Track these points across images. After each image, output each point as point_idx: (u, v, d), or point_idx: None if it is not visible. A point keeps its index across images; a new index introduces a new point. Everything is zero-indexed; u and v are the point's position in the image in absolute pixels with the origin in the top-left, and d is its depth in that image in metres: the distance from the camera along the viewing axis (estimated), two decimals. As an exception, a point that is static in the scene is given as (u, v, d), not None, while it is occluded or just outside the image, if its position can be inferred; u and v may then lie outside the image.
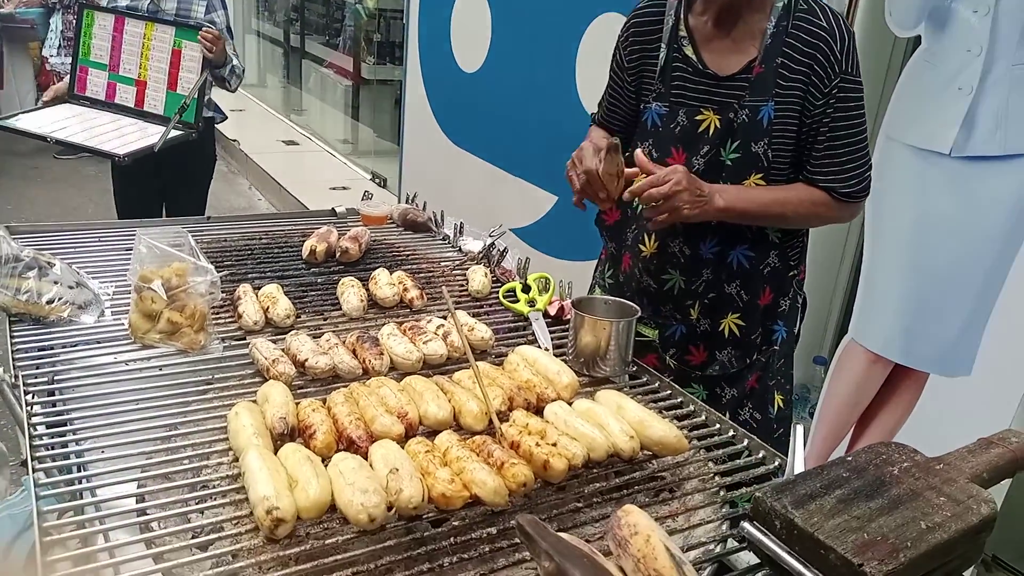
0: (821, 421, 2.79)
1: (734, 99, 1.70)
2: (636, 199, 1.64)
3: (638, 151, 1.67)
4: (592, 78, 3.22)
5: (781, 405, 1.90)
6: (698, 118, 1.72)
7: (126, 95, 3.47)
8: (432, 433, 1.33)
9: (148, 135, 3.21)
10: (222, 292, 1.71)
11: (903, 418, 2.60)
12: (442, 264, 2.11)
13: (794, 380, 3.19)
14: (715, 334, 1.83)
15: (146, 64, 3.41)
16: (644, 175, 1.61)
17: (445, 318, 1.72)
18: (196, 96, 3.30)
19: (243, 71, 3.54)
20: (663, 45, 1.77)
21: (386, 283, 1.85)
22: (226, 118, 3.79)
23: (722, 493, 1.30)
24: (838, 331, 3.06)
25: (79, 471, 1.22)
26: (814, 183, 1.71)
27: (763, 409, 1.87)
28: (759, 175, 1.70)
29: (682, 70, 1.75)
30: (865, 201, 1.79)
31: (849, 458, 1.17)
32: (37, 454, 1.23)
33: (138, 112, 3.42)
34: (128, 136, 3.23)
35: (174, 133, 3.24)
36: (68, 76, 3.59)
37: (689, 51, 1.74)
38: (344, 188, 6.17)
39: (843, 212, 1.77)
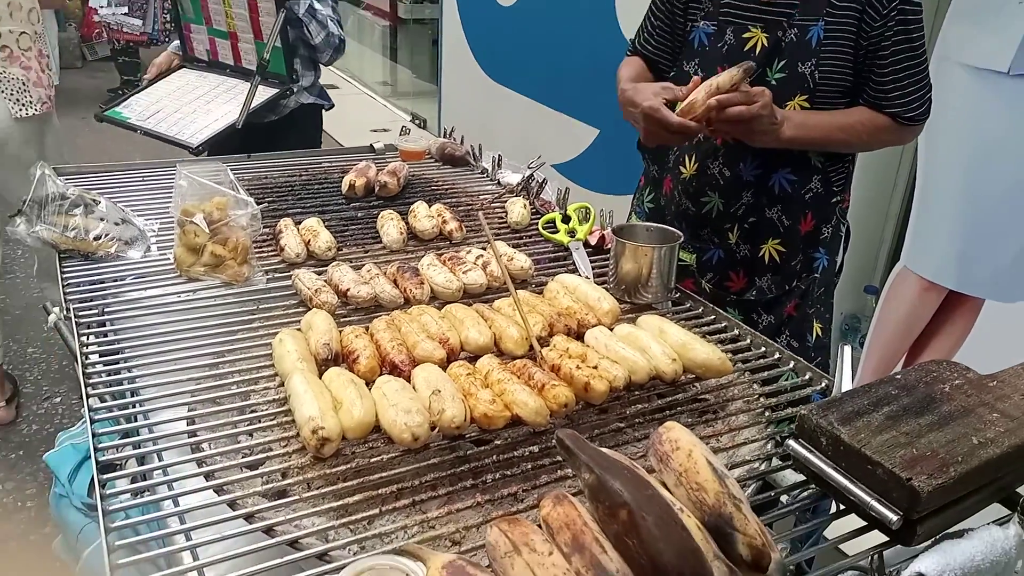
0: (872, 351, 2.75)
1: (784, 17, 1.64)
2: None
3: (695, 78, 1.60)
4: (633, 6, 3.13)
5: (819, 334, 1.87)
6: (745, 36, 1.67)
7: (225, 51, 2.91)
8: (473, 358, 1.33)
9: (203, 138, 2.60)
10: (264, 227, 1.73)
11: (956, 347, 2.54)
12: (480, 197, 2.09)
13: (844, 310, 3.15)
14: (755, 259, 1.80)
15: (230, 12, 2.80)
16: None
17: (484, 249, 1.71)
18: (277, 41, 2.64)
19: (341, 42, 2.91)
20: None
21: (425, 215, 1.84)
22: (333, 105, 3.20)
23: (767, 414, 1.29)
24: (890, 259, 2.99)
25: (133, 399, 1.25)
26: (878, 107, 1.65)
27: (801, 337, 1.84)
28: (804, 96, 1.65)
29: None
30: (925, 122, 1.72)
31: (898, 376, 1.15)
32: (94, 389, 1.26)
33: (240, 70, 2.87)
34: (232, 102, 2.70)
35: (267, 94, 2.65)
36: (170, 45, 3.16)
37: None
38: (384, 130, 6.15)
39: (905, 135, 1.72)
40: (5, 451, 3.15)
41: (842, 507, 1.09)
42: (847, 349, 1.32)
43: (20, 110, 2.94)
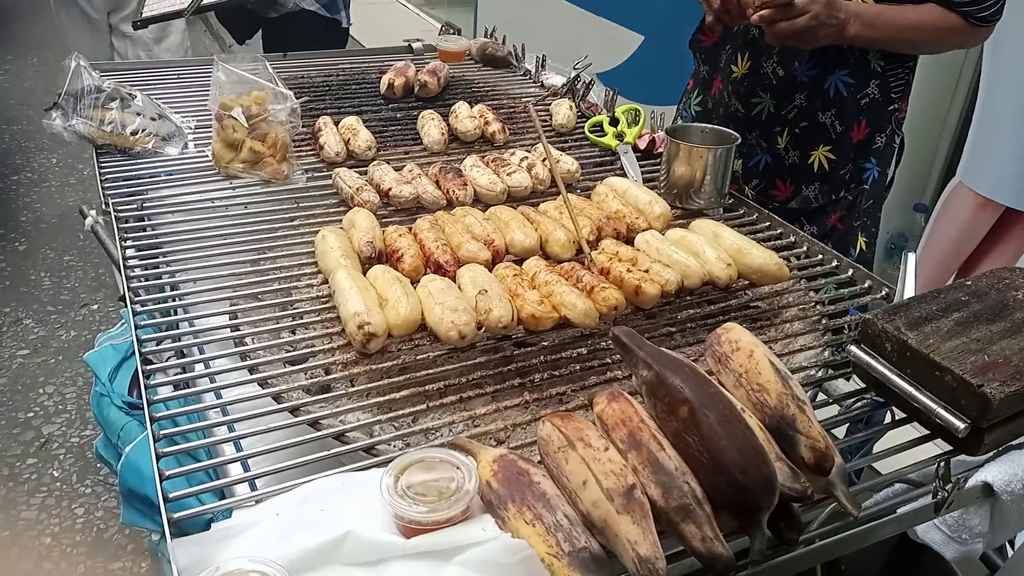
0: (920, 270, 2.66)
1: None
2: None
3: None
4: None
5: (863, 248, 1.80)
6: None
7: None
8: (518, 261, 1.29)
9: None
10: (302, 126, 1.68)
11: (1011, 264, 2.46)
12: (523, 100, 2.02)
13: (891, 228, 3.06)
14: (803, 166, 1.72)
15: None
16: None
17: (529, 151, 1.65)
18: None
19: None
20: None
21: (467, 116, 1.78)
22: (349, 23, 3.18)
23: (824, 321, 1.24)
24: (943, 176, 2.88)
25: (173, 293, 1.23)
26: (949, 5, 1.54)
27: (843, 250, 1.77)
28: None
29: None
30: (996, 24, 1.61)
31: (968, 282, 1.09)
32: (133, 285, 1.24)
33: None
34: None
35: None
36: None
37: None
38: (418, 40, 5.99)
39: (975, 37, 1.62)
40: (44, 356, 3.21)
41: (897, 419, 1.05)
42: (911, 256, 1.26)
43: None
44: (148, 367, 1.05)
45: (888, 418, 1.09)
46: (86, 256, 3.86)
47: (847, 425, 1.15)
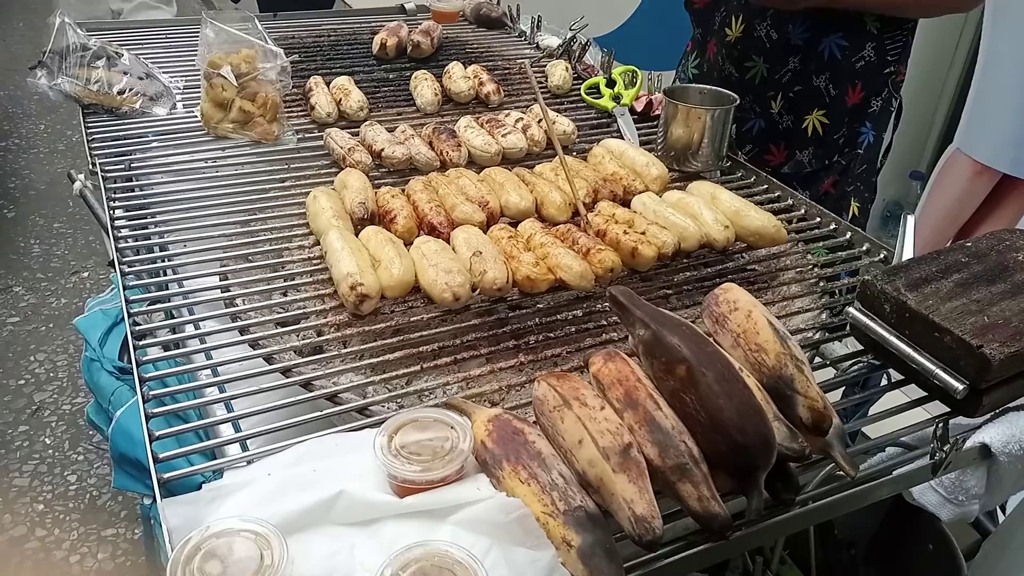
0: (916, 237, 2.66)
1: None
2: None
3: None
4: None
5: (856, 213, 1.78)
6: None
7: None
8: (513, 223, 1.28)
9: None
10: (293, 86, 1.65)
11: (1006, 233, 2.45)
12: (518, 61, 1.98)
13: (887, 196, 3.04)
14: (797, 131, 1.70)
15: None
16: None
17: (524, 112, 1.62)
18: None
19: None
20: None
21: (461, 76, 1.75)
22: None
23: (822, 284, 1.23)
24: (940, 143, 2.86)
25: (161, 253, 1.21)
26: None
27: (836, 215, 1.76)
28: None
29: None
30: None
31: (968, 243, 1.08)
32: (121, 246, 1.22)
33: None
34: None
35: None
36: None
37: None
38: (411, 1, 5.91)
39: (966, 2, 1.60)
40: (35, 323, 3.19)
41: (895, 380, 1.05)
42: (910, 219, 1.24)
43: None
44: (137, 328, 1.03)
45: (884, 381, 1.08)
46: (76, 223, 3.83)
47: (843, 388, 1.14)
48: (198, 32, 1.61)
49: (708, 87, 1.54)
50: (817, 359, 1.14)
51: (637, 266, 1.19)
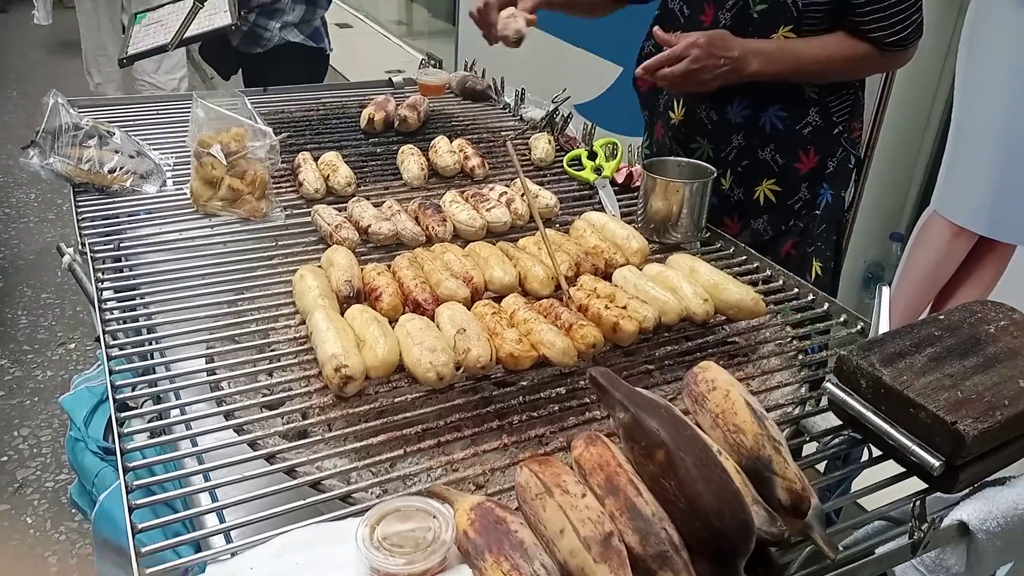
0: (897, 298, 2.69)
1: None
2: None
3: (656, 28, 1.57)
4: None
5: (819, 272, 1.79)
6: None
7: None
8: (497, 298, 1.30)
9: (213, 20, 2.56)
10: (281, 163, 1.68)
11: (984, 295, 2.49)
12: (503, 133, 2.03)
13: (868, 258, 3.08)
14: (749, 202, 1.73)
15: None
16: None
17: (508, 186, 1.66)
18: None
19: None
20: None
21: (447, 151, 1.79)
22: (331, 50, 3.16)
23: (800, 357, 1.25)
24: (918, 205, 2.91)
25: (150, 336, 1.22)
26: (858, 32, 1.54)
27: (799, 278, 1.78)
28: (788, 27, 1.55)
29: None
30: (916, 46, 1.60)
31: (941, 316, 1.10)
32: (109, 327, 1.23)
33: None
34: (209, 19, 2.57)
35: (207, 28, 2.50)
36: None
37: None
38: (399, 71, 6.03)
39: (890, 61, 1.63)
40: (20, 397, 3.16)
41: (875, 456, 1.06)
42: (885, 290, 1.27)
43: None
44: (122, 414, 1.03)
45: (866, 455, 1.09)
46: (64, 293, 3.82)
47: (825, 462, 1.15)
48: (189, 108, 1.65)
49: (686, 159, 1.58)
50: (803, 432, 1.15)
51: (619, 341, 1.20)
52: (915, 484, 0.98)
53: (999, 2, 2.26)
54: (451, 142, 1.83)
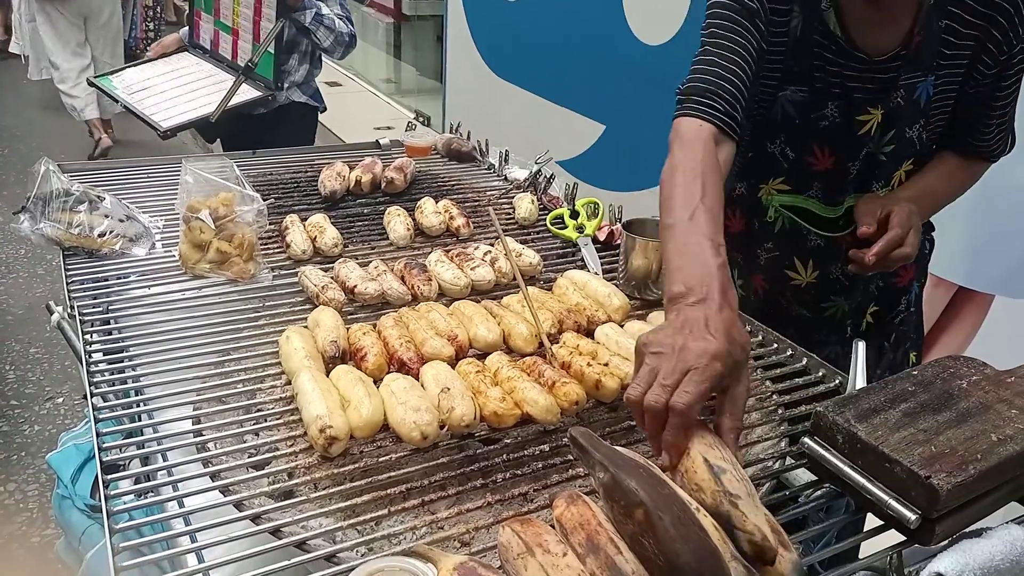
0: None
1: (890, 84, 1.37)
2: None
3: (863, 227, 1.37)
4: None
5: (914, 360, 1.73)
6: (860, 118, 1.40)
7: (226, 45, 2.92)
8: (482, 356, 1.32)
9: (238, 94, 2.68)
10: (269, 224, 1.71)
11: (966, 343, 2.52)
12: (487, 193, 2.08)
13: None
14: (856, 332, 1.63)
15: (237, 9, 2.83)
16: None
17: (492, 245, 1.69)
18: (271, 47, 2.68)
19: (351, 38, 2.97)
20: (796, 8, 1.36)
21: (432, 211, 1.82)
22: (324, 108, 3.20)
23: (780, 411, 1.27)
24: (897, 256, 2.97)
25: (137, 398, 1.23)
26: (976, 152, 1.51)
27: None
28: (911, 160, 1.47)
29: (823, 46, 1.37)
30: None
31: (915, 372, 1.13)
32: (97, 389, 1.24)
33: (234, 66, 2.84)
34: (217, 95, 2.69)
35: (250, 95, 2.68)
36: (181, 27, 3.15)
37: (833, 22, 1.36)
38: (388, 128, 6.13)
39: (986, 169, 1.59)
40: (6, 452, 3.14)
41: (857, 507, 1.07)
42: (861, 345, 1.30)
43: None
44: (109, 476, 1.04)
45: (847, 508, 1.11)
46: (52, 348, 3.82)
47: (809, 516, 1.16)
48: (179, 170, 1.69)
49: (665, 219, 1.61)
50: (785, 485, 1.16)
51: (601, 397, 1.22)
52: (897, 536, 1.00)
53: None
54: (437, 203, 1.87)
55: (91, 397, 1.21)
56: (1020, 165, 2.25)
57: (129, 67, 3.02)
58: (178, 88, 2.77)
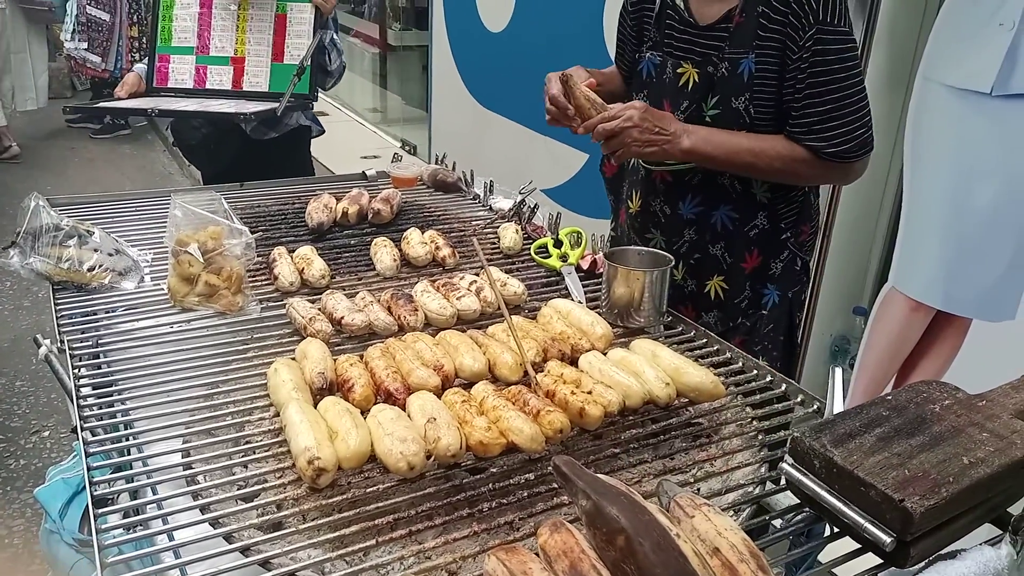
0: (861, 372, 2.76)
1: (714, 51, 1.64)
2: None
3: (582, 85, 1.65)
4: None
5: None
6: (679, 71, 1.70)
7: (220, 77, 2.98)
8: (468, 385, 1.34)
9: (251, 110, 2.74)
10: (257, 256, 1.74)
11: (945, 366, 2.56)
12: (473, 223, 2.11)
13: (834, 332, 3.16)
14: (701, 295, 1.79)
15: (243, 38, 2.94)
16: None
17: (478, 274, 1.72)
18: (310, 62, 2.84)
19: (343, 68, 3.12)
20: None
21: (418, 242, 1.85)
22: (323, 131, 3.34)
23: (760, 437, 1.30)
24: (878, 280, 3.02)
25: (127, 431, 1.25)
26: (796, 140, 1.61)
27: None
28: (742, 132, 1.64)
29: (671, 17, 1.72)
30: (864, 160, 1.67)
31: (889, 397, 1.16)
32: (87, 423, 1.25)
33: (235, 93, 2.92)
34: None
35: (272, 105, 2.75)
36: (135, 66, 3.13)
37: None
38: (375, 156, 6.18)
39: (834, 173, 1.68)
40: (-8, 486, 3.13)
41: (836, 530, 1.10)
42: (838, 371, 1.33)
43: None
44: (100, 510, 1.05)
45: (827, 531, 1.13)
46: (38, 381, 3.80)
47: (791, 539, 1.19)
48: (168, 205, 1.71)
49: (646, 248, 1.66)
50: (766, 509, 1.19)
51: (585, 425, 1.24)
52: (876, 558, 1.02)
53: (938, 92, 2.41)
54: (423, 233, 1.90)
55: (81, 431, 1.22)
56: (989, 186, 2.32)
57: (106, 105, 3.13)
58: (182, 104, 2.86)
